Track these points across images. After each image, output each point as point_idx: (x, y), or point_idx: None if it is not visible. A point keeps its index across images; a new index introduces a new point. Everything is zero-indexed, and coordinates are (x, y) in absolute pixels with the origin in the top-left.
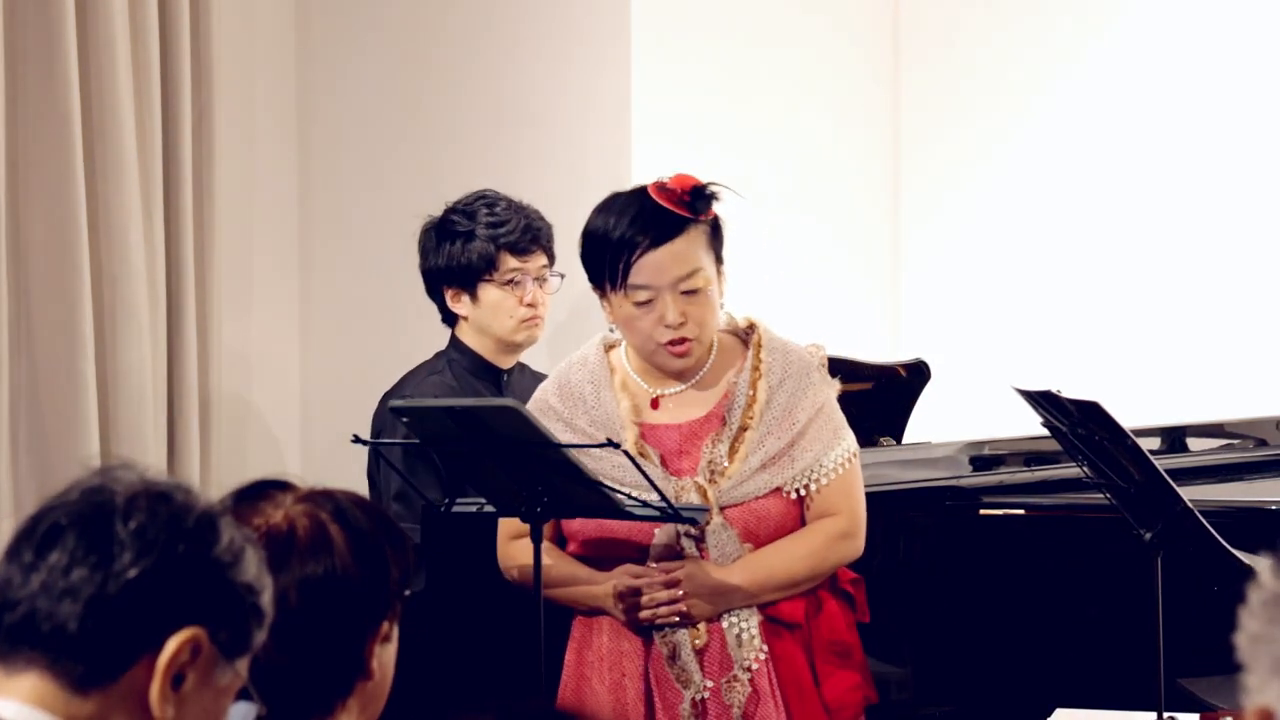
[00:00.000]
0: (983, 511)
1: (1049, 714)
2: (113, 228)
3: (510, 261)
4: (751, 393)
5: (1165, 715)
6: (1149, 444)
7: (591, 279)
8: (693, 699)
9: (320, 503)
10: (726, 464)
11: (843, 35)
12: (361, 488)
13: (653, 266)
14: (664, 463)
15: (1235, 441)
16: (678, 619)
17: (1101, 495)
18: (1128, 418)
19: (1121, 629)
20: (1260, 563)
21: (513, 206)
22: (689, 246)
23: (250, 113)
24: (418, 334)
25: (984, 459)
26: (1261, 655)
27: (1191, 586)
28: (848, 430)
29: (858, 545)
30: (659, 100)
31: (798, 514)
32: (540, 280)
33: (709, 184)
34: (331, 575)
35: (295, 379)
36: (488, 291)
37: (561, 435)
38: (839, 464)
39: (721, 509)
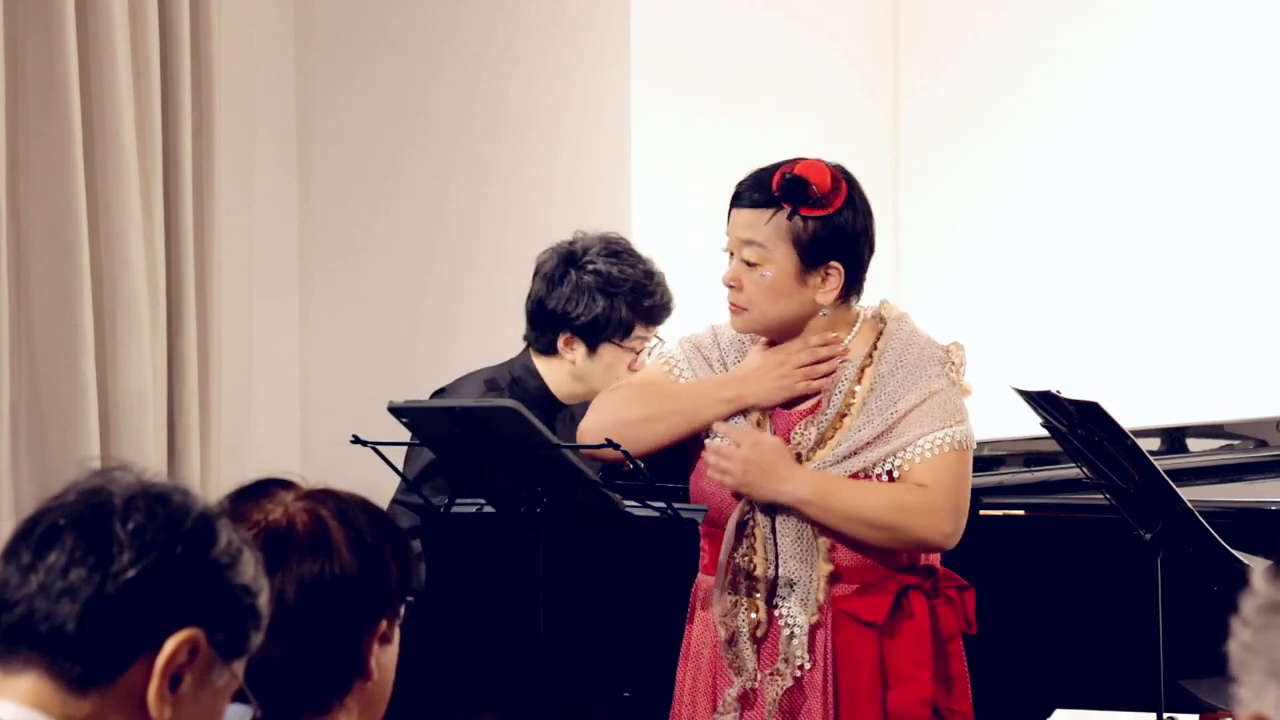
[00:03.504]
0: (983, 511)
1: (1049, 714)
2: (113, 228)
3: (640, 331)
4: (858, 379)
5: (1165, 715)
6: (1149, 444)
7: None
8: (743, 687)
9: (321, 500)
10: (811, 450)
11: (842, 36)
12: (361, 488)
13: (732, 220)
14: None
15: (1235, 442)
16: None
17: (1101, 495)
18: (1128, 418)
19: (1121, 629)
20: (1255, 568)
21: (655, 275)
22: (760, 220)
23: (250, 113)
24: (418, 334)
25: (984, 459)
26: (1256, 661)
27: (1191, 586)
28: (962, 424)
29: (942, 529)
30: (659, 105)
31: None
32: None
33: (835, 178)
34: (330, 572)
35: (295, 379)
36: (609, 351)
37: (703, 374)
38: (934, 446)
39: None
